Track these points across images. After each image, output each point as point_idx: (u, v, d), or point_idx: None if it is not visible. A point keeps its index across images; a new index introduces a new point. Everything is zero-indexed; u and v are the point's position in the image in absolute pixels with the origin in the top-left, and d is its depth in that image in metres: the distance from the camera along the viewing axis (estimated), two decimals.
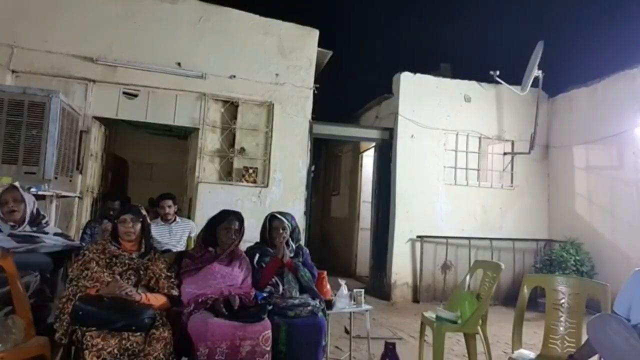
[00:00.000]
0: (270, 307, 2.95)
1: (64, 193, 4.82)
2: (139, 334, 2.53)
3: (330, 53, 6.96)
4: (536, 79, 7.04)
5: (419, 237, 6.86)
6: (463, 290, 3.78)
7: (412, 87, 7.15)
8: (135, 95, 5.81)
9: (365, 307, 3.62)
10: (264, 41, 6.42)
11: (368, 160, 8.52)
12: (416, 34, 10.43)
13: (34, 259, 3.00)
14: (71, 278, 2.77)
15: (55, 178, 4.55)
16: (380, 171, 7.32)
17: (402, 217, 6.89)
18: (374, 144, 7.64)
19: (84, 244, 3.69)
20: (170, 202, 4.63)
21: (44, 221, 3.14)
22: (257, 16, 6.45)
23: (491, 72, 7.02)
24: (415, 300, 6.79)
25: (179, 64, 5.98)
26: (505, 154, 7.58)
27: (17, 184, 3.23)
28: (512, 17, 10.09)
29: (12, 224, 3.01)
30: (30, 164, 4.42)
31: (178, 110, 6.03)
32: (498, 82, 7.19)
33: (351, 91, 9.43)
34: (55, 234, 3.13)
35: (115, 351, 2.46)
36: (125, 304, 2.62)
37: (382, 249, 7.08)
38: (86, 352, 2.44)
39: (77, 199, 5.37)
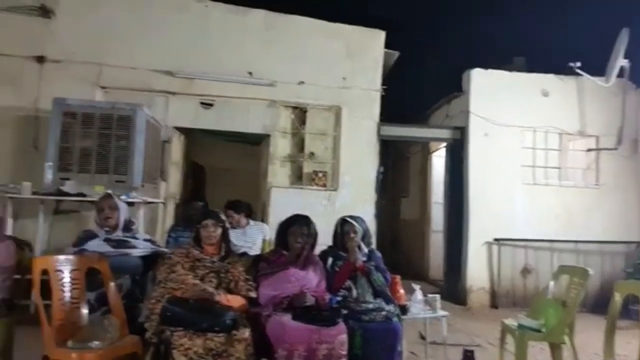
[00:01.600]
0: (345, 311, 2.98)
1: (149, 200, 5.15)
2: (221, 334, 2.66)
3: (397, 54, 6.89)
4: (622, 69, 6.53)
5: (495, 239, 6.59)
6: (546, 297, 3.58)
7: (484, 83, 6.89)
8: (211, 105, 6.10)
9: (441, 312, 3.55)
10: (331, 46, 6.48)
11: (438, 160, 8.32)
12: (486, 28, 10.02)
13: (126, 263, 3.23)
14: (159, 280, 2.96)
15: (142, 186, 4.89)
16: (452, 172, 7.12)
17: (476, 219, 6.66)
18: (444, 143, 7.45)
19: (168, 248, 3.92)
20: (231, 212, 4.65)
21: (134, 227, 3.38)
22: (323, 22, 6.53)
23: (571, 64, 6.61)
24: (493, 306, 6.52)
25: (250, 73, 6.19)
26: (589, 150, 7.08)
27: (111, 192, 3.50)
28: (591, 3, 9.41)
29: (107, 229, 3.27)
30: (119, 173, 4.79)
31: (250, 118, 6.24)
32: (578, 74, 6.75)
33: (419, 91, 9.24)
34: (145, 240, 3.36)
35: (201, 351, 2.60)
36: (208, 305, 2.76)
37: (456, 252, 6.87)
38: (174, 351, 2.59)
39: (161, 205, 5.73)
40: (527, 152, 6.89)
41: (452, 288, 6.85)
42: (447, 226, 7.23)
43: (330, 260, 3.34)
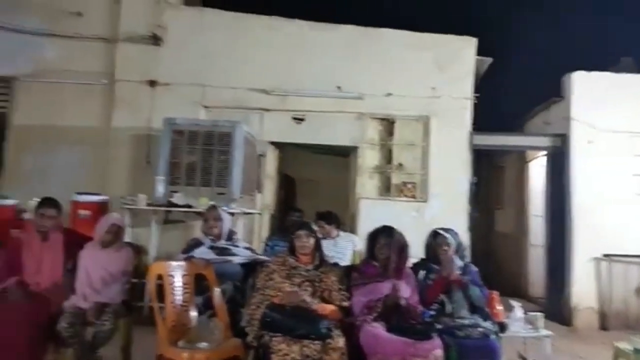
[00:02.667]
0: (439, 326, 2.94)
1: (247, 210, 5.46)
2: (317, 342, 2.74)
3: (489, 60, 6.66)
4: None
5: (605, 255, 6.05)
6: None
7: (586, 87, 6.41)
8: (302, 120, 6.33)
9: (544, 332, 3.35)
10: (419, 56, 6.43)
11: (536, 170, 7.83)
12: (586, 28, 9.32)
13: (229, 269, 3.47)
14: (258, 287, 3.13)
15: (241, 197, 5.21)
16: (553, 182, 6.68)
17: (582, 233, 6.16)
18: (543, 152, 7.02)
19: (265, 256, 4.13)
20: (322, 223, 4.60)
21: (235, 236, 3.63)
22: (410, 32, 6.50)
23: None
24: (603, 327, 5.97)
25: (339, 87, 6.34)
26: None
27: (215, 204, 3.80)
28: None
29: (211, 237, 3.55)
30: (221, 186, 5.15)
31: (339, 131, 6.37)
32: None
33: (514, 97, 8.80)
34: (245, 248, 3.59)
35: (298, 357, 2.70)
36: (304, 313, 2.86)
37: (559, 269, 6.40)
38: (273, 355, 2.72)
39: (257, 215, 6.04)
40: (638, 160, 6.28)
41: (555, 307, 6.37)
42: (548, 240, 6.77)
43: (422, 273, 3.31)
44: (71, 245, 3.48)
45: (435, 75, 6.40)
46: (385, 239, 3.19)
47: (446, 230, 3.41)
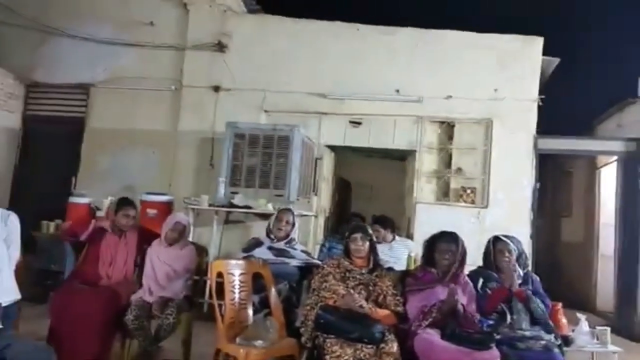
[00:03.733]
0: (497, 336, 2.84)
1: (304, 212, 5.56)
2: (370, 346, 2.74)
3: (556, 61, 6.35)
4: None
5: None
6: None
7: None
8: (359, 123, 6.35)
9: (612, 347, 3.16)
10: (481, 57, 6.26)
11: (608, 176, 7.36)
12: None
13: (285, 270, 3.56)
14: (313, 288, 3.17)
15: (298, 200, 5.31)
16: (626, 188, 6.25)
17: None
18: (615, 157, 6.60)
19: (321, 259, 4.19)
20: (378, 227, 4.52)
21: (293, 240, 3.72)
22: (473, 33, 6.34)
23: None
24: None
25: (397, 90, 6.30)
26: None
27: (291, 207, 3.93)
28: None
29: (272, 237, 3.66)
30: (278, 188, 5.29)
31: (396, 134, 6.32)
32: None
33: (583, 99, 8.35)
34: (302, 251, 3.67)
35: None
36: (358, 316, 2.87)
37: (632, 282, 5.98)
38: (327, 356, 2.74)
39: (313, 217, 6.13)
40: None
41: (625, 321, 5.95)
42: (619, 251, 6.34)
43: (480, 281, 3.22)
44: (143, 242, 3.71)
45: (498, 76, 6.20)
46: (449, 245, 3.12)
47: (508, 237, 3.30)
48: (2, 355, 2.10)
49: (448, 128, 6.34)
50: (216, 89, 6.42)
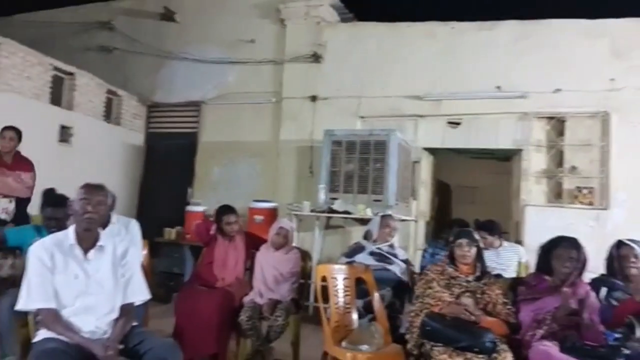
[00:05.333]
0: (626, 351, 2.58)
1: (403, 217, 5.52)
2: (481, 356, 2.64)
3: None
4: None
5: None
6: None
7: None
8: (458, 124, 6.16)
9: None
10: (593, 45, 5.75)
11: None
12: None
13: (387, 276, 3.57)
14: (417, 295, 3.12)
15: (396, 204, 5.28)
16: None
17: None
18: None
19: (424, 265, 4.13)
20: (484, 233, 4.33)
21: (394, 244, 3.72)
22: (582, 20, 5.86)
23: None
24: None
25: (498, 87, 6.01)
26: None
27: (391, 213, 3.98)
28: None
29: (374, 241, 3.70)
30: (376, 193, 5.31)
31: (500, 133, 6.04)
32: None
33: None
34: (402, 260, 3.66)
35: None
36: (466, 324, 2.77)
37: None
38: None
39: (412, 222, 6.05)
40: None
41: None
42: None
43: (603, 290, 2.95)
44: (250, 246, 3.95)
45: (614, 65, 5.66)
46: (568, 251, 2.90)
47: (633, 241, 3.00)
48: (136, 349, 2.30)
49: (558, 124, 5.91)
50: (313, 98, 6.63)
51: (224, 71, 7.16)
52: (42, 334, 2.26)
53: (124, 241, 2.72)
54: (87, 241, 2.40)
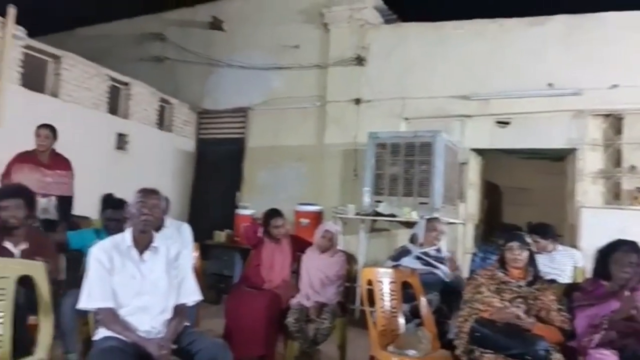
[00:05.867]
0: None
1: (450, 220, 5.40)
2: None
3: None
4: None
5: None
6: None
7: None
8: (507, 124, 5.98)
9: None
10: None
11: None
12: None
13: (434, 280, 3.52)
14: (465, 300, 3.05)
15: (443, 207, 5.19)
16: None
17: None
18: None
19: (474, 269, 4.03)
20: (537, 237, 4.19)
21: (441, 249, 3.67)
22: (636, 12, 5.55)
23: None
24: None
25: (550, 84, 5.79)
26: None
27: (439, 216, 3.94)
28: None
29: (421, 245, 3.66)
30: (422, 196, 5.24)
31: (552, 132, 5.83)
32: None
33: None
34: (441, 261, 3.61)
35: None
36: (518, 331, 2.69)
37: None
38: None
39: (460, 225, 5.92)
40: None
41: None
42: None
43: None
44: (296, 249, 4.00)
45: None
46: (628, 256, 2.75)
47: None
48: (188, 349, 2.37)
49: (615, 121, 5.63)
50: (357, 101, 6.64)
51: (269, 77, 7.30)
52: (101, 333, 2.38)
53: (177, 244, 2.82)
54: (143, 243, 2.52)
